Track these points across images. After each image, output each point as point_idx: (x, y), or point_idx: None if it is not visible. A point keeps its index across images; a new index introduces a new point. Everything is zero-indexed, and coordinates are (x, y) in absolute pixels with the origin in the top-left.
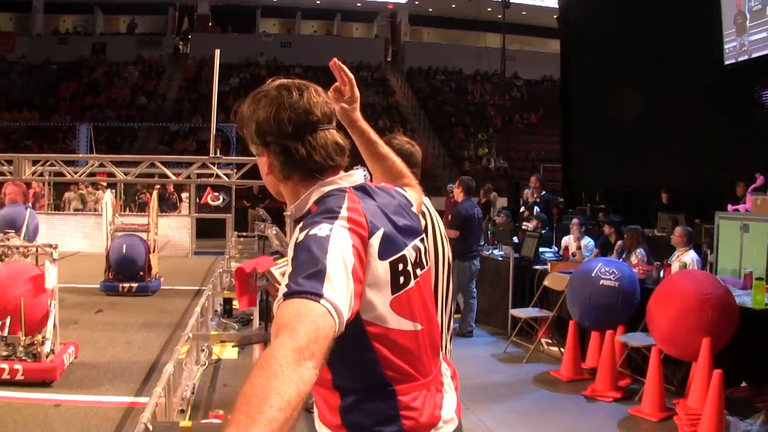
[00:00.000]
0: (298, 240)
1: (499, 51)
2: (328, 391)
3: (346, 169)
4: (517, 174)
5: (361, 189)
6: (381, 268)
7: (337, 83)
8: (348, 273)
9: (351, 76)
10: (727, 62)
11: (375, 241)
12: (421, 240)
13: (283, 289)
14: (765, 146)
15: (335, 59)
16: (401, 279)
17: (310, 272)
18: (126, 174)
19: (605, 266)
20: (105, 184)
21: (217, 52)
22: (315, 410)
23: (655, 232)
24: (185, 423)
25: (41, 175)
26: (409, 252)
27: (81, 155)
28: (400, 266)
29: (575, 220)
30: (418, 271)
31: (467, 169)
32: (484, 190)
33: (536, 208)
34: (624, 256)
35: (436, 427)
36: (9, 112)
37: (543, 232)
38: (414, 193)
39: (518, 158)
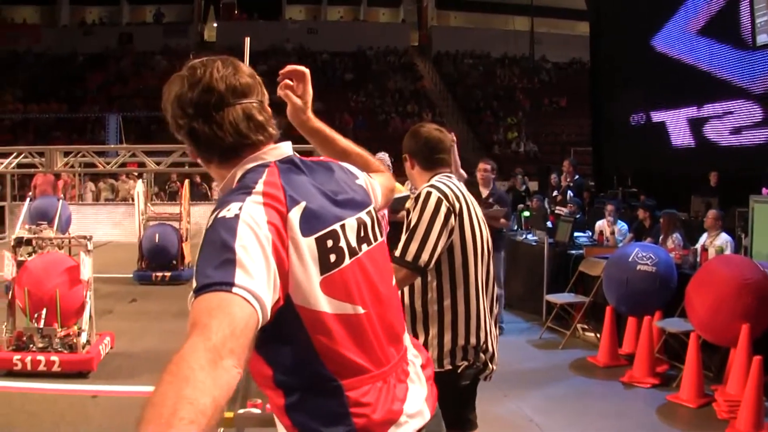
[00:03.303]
0: (207, 225)
1: (526, 34)
2: (272, 390)
3: None
4: (546, 158)
5: (289, 162)
6: (305, 245)
7: (285, 80)
8: (266, 253)
9: (305, 71)
10: (759, 38)
11: (294, 216)
12: (368, 213)
13: (192, 286)
14: None
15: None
16: (332, 257)
17: (219, 261)
18: (158, 164)
19: (642, 251)
20: (136, 174)
21: (247, 40)
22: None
23: (690, 215)
24: (227, 413)
25: (72, 166)
26: (345, 226)
27: (112, 146)
28: (330, 242)
29: (609, 206)
30: (364, 247)
31: (497, 153)
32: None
33: (569, 193)
34: (660, 240)
35: (396, 423)
36: (37, 104)
37: (577, 216)
38: (382, 179)
39: (547, 142)
